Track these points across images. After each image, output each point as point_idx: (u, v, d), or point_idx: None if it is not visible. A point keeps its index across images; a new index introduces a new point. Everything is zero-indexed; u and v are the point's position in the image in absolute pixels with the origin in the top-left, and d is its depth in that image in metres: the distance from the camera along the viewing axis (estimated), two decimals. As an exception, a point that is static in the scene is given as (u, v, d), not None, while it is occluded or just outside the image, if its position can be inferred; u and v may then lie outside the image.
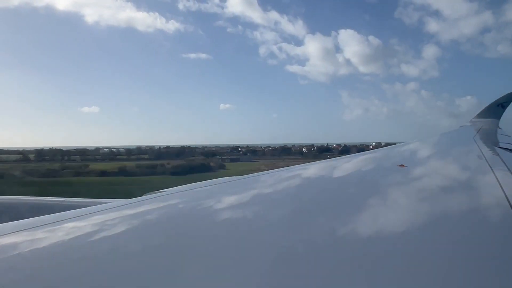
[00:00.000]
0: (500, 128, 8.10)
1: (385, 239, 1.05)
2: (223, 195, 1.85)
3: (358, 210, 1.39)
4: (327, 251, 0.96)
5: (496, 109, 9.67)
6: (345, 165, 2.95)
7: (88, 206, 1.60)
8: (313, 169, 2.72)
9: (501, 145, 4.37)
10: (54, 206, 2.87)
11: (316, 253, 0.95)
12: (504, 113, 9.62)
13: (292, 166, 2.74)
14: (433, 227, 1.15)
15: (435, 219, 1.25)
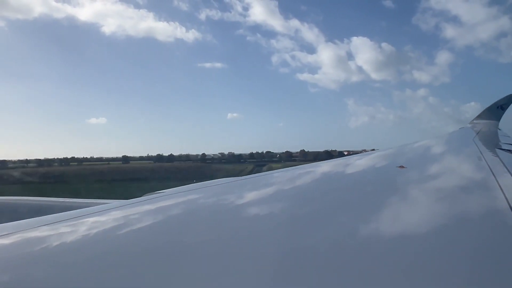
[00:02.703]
0: (500, 130, 8.11)
1: (383, 241, 1.05)
2: (223, 196, 1.85)
3: (357, 212, 1.39)
4: (327, 253, 0.96)
5: (496, 111, 9.69)
6: (345, 166, 2.95)
7: (88, 207, 1.60)
8: (313, 170, 2.72)
9: (501, 146, 4.37)
10: (54, 206, 2.87)
11: (317, 255, 0.95)
12: (504, 115, 9.65)
13: (292, 167, 2.74)
14: (433, 229, 1.15)
15: (435, 221, 1.25)
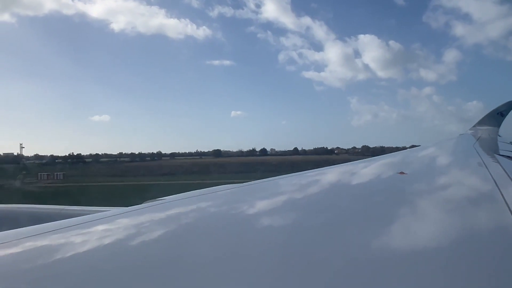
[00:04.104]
0: (500, 136, 8.11)
1: (383, 247, 1.04)
2: (222, 203, 1.84)
3: (358, 218, 1.39)
4: (327, 259, 0.95)
5: (496, 117, 9.70)
6: (346, 173, 2.95)
7: (87, 214, 1.59)
8: (312, 176, 2.71)
9: (501, 152, 4.37)
10: (53, 214, 2.86)
11: (318, 261, 0.94)
12: (503, 121, 9.65)
13: (291, 174, 2.74)
14: (432, 235, 1.14)
15: (435, 227, 1.24)
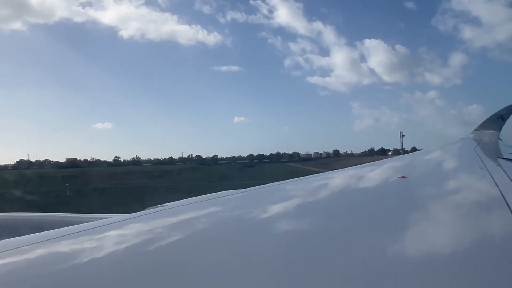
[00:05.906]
0: (501, 140, 8.11)
1: (383, 252, 1.04)
2: (225, 209, 1.84)
3: (358, 223, 1.39)
4: (329, 264, 0.95)
5: (496, 121, 9.71)
6: (347, 177, 2.95)
7: (89, 221, 1.59)
8: (313, 182, 2.71)
9: (503, 156, 4.36)
10: (55, 222, 2.85)
11: (320, 266, 0.94)
12: (504, 125, 9.67)
13: (293, 179, 2.73)
14: (434, 240, 1.14)
15: (436, 231, 1.24)
